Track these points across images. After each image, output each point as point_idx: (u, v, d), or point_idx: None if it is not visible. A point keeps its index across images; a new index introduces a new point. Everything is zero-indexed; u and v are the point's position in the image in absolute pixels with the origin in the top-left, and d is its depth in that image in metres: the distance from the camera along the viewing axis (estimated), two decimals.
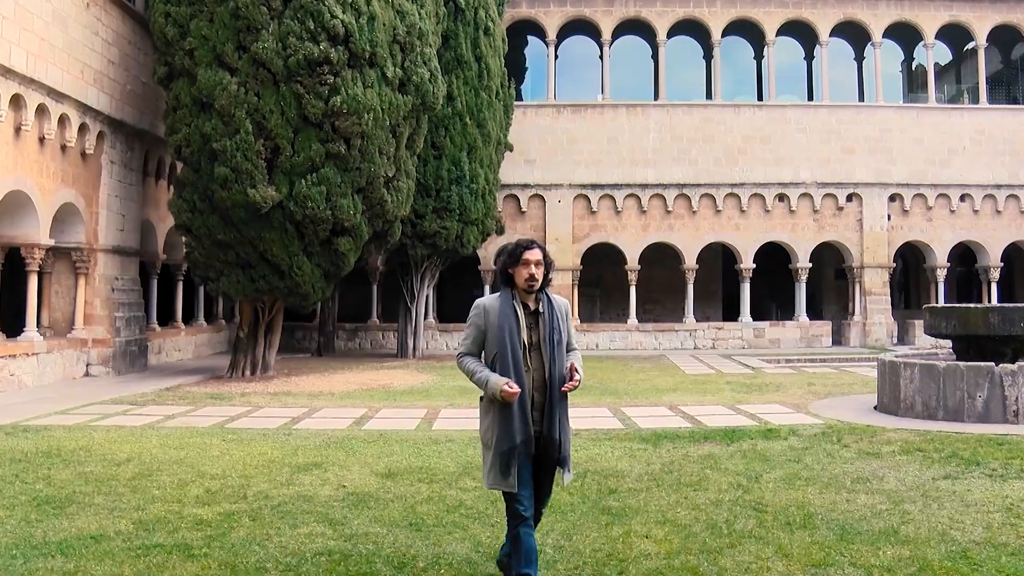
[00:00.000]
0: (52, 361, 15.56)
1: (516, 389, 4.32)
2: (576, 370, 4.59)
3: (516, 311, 4.51)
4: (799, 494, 6.83)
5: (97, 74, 16.58)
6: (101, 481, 7.27)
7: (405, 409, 12.19)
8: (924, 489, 6.99)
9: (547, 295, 4.63)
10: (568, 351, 4.69)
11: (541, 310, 4.58)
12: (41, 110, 14.87)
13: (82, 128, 16.17)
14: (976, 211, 26.59)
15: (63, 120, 15.53)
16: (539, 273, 4.55)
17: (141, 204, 18.80)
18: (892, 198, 26.49)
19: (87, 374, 16.68)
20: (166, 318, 21.55)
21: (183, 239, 17.13)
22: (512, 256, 4.58)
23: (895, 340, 26.16)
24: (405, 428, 10.37)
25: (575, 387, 4.49)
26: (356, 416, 11.43)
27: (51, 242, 15.60)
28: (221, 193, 14.79)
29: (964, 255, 28.25)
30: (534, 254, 4.56)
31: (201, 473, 7.65)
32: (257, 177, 14.65)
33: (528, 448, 4.43)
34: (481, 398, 4.62)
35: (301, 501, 6.65)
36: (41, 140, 15.01)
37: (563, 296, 5.14)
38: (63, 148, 15.69)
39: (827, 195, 26.28)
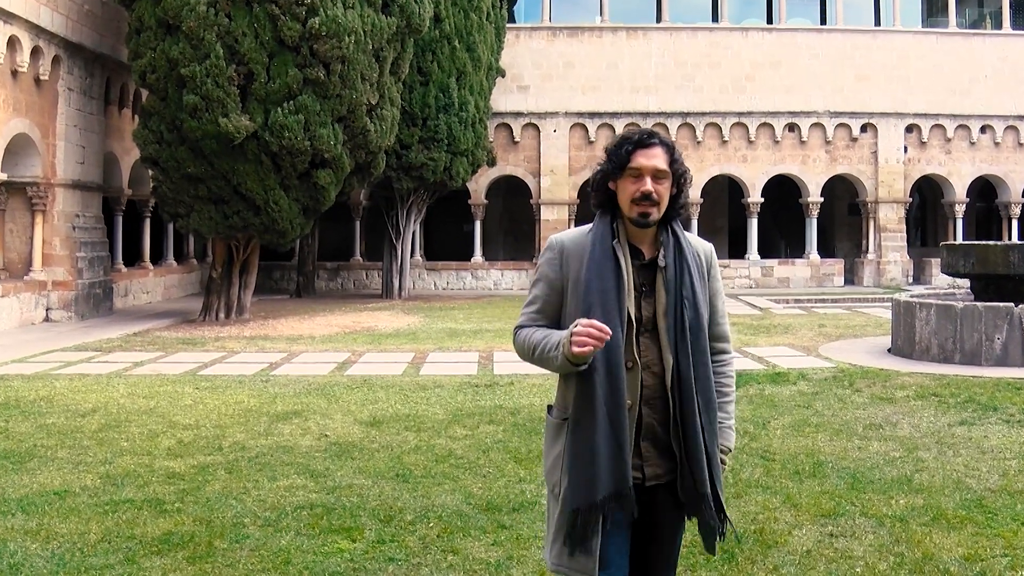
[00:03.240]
0: (8, 306, 15.44)
1: (600, 332, 2.52)
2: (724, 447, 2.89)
3: (619, 260, 2.72)
4: (808, 441, 6.87)
5: None
6: (64, 433, 7.25)
7: (390, 353, 12.20)
8: (939, 435, 7.05)
9: (675, 234, 2.80)
10: (712, 339, 2.86)
11: (663, 262, 2.76)
12: None
13: (35, 52, 15.81)
14: (997, 143, 26.49)
15: (13, 43, 15.17)
16: (661, 191, 2.74)
17: (103, 135, 18.52)
18: (909, 129, 26.34)
19: (47, 319, 16.58)
20: (133, 258, 21.41)
21: (150, 173, 16.92)
22: (614, 158, 2.78)
23: (910, 279, 26.27)
24: (391, 373, 10.38)
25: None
26: (338, 361, 11.44)
27: (3, 176, 15.37)
28: (190, 123, 14.56)
29: (984, 190, 28.24)
30: (652, 155, 2.74)
31: (173, 423, 7.64)
32: (229, 105, 14.41)
33: (624, 505, 2.68)
34: (549, 408, 2.92)
35: (280, 452, 6.65)
36: None
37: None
38: (14, 74, 15.37)
39: (840, 125, 26.11)
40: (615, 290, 2.68)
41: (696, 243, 2.89)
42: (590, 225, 2.84)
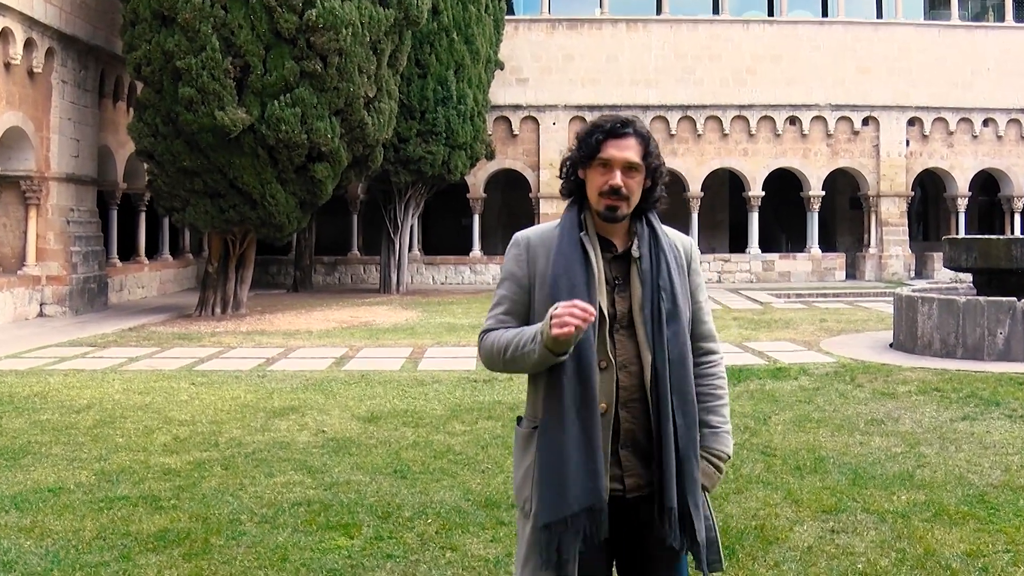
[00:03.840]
0: (1, 301, 15.37)
1: (584, 311, 2.33)
2: (713, 453, 2.67)
3: (588, 253, 2.57)
4: (810, 437, 6.87)
5: None
6: (59, 430, 7.24)
7: (388, 348, 12.20)
8: (941, 431, 7.06)
9: (651, 225, 2.66)
10: (696, 339, 2.71)
11: (637, 252, 2.61)
12: None
13: (28, 44, 15.77)
14: (1000, 136, 26.47)
15: (6, 35, 15.14)
16: (632, 185, 2.58)
17: (98, 128, 18.49)
18: (911, 122, 26.31)
19: (41, 314, 16.56)
20: (128, 252, 21.37)
21: (145, 166, 16.90)
22: (584, 146, 2.63)
23: (912, 273, 26.26)
24: (389, 368, 10.38)
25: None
26: (336, 356, 11.44)
27: None
28: (186, 116, 14.54)
29: (986, 184, 28.21)
30: (624, 147, 2.58)
31: (168, 419, 7.63)
32: (225, 98, 14.39)
33: (595, 523, 2.46)
34: (519, 420, 2.72)
35: (277, 448, 6.64)
36: None
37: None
38: (7, 66, 15.33)
39: (842, 118, 26.08)
40: (584, 284, 2.50)
41: (674, 236, 2.72)
42: (559, 220, 2.69)
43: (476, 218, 25.94)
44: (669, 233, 2.70)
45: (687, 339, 2.59)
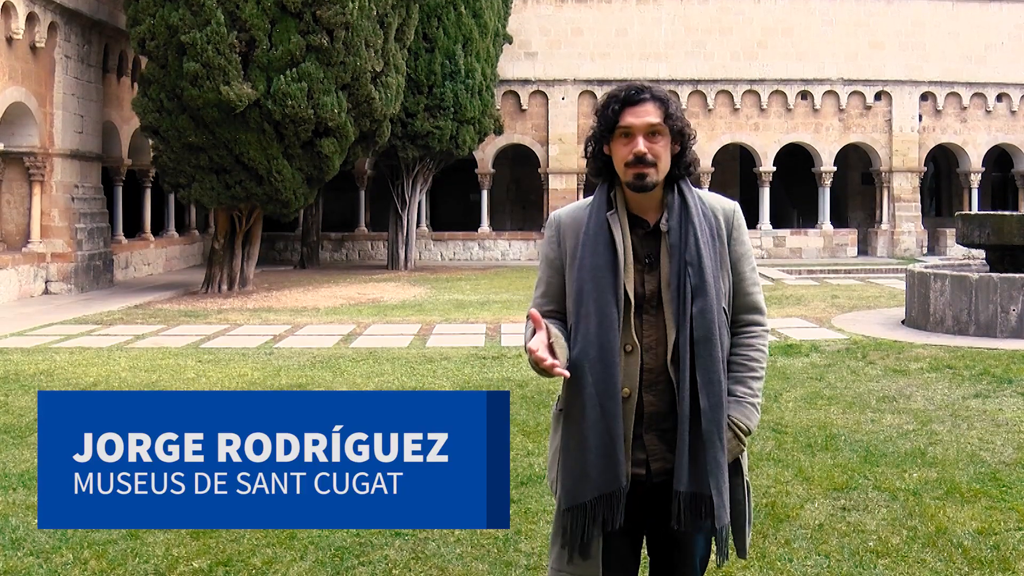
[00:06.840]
0: (6, 278, 15.43)
1: (537, 359, 2.34)
2: (738, 423, 2.58)
3: (612, 232, 2.50)
4: (821, 414, 6.87)
5: None
6: None
7: (397, 325, 12.21)
8: (953, 408, 7.04)
9: (682, 194, 2.55)
10: (739, 311, 2.66)
11: (666, 226, 2.52)
12: None
13: (30, 18, 15.71)
14: (1014, 112, 26.30)
15: (8, 9, 15.07)
16: (657, 150, 2.49)
17: (102, 104, 18.46)
18: (924, 97, 26.15)
19: (46, 291, 16.59)
20: (133, 229, 21.40)
21: (150, 142, 16.88)
22: (603, 119, 2.57)
23: (925, 250, 26.18)
24: (397, 345, 10.39)
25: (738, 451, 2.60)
26: (343, 333, 11.45)
27: (0, 146, 15.36)
28: (191, 91, 14.50)
29: (1000, 159, 28.05)
30: (642, 112, 2.51)
31: None
32: (231, 73, 14.34)
33: (612, 508, 2.45)
34: (558, 399, 2.69)
35: None
36: None
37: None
38: (9, 41, 15.27)
39: (854, 93, 25.92)
40: (609, 266, 2.45)
41: (714, 202, 2.59)
42: (591, 197, 2.62)
43: (484, 194, 25.89)
44: (708, 199, 2.60)
45: (716, 316, 2.48)
